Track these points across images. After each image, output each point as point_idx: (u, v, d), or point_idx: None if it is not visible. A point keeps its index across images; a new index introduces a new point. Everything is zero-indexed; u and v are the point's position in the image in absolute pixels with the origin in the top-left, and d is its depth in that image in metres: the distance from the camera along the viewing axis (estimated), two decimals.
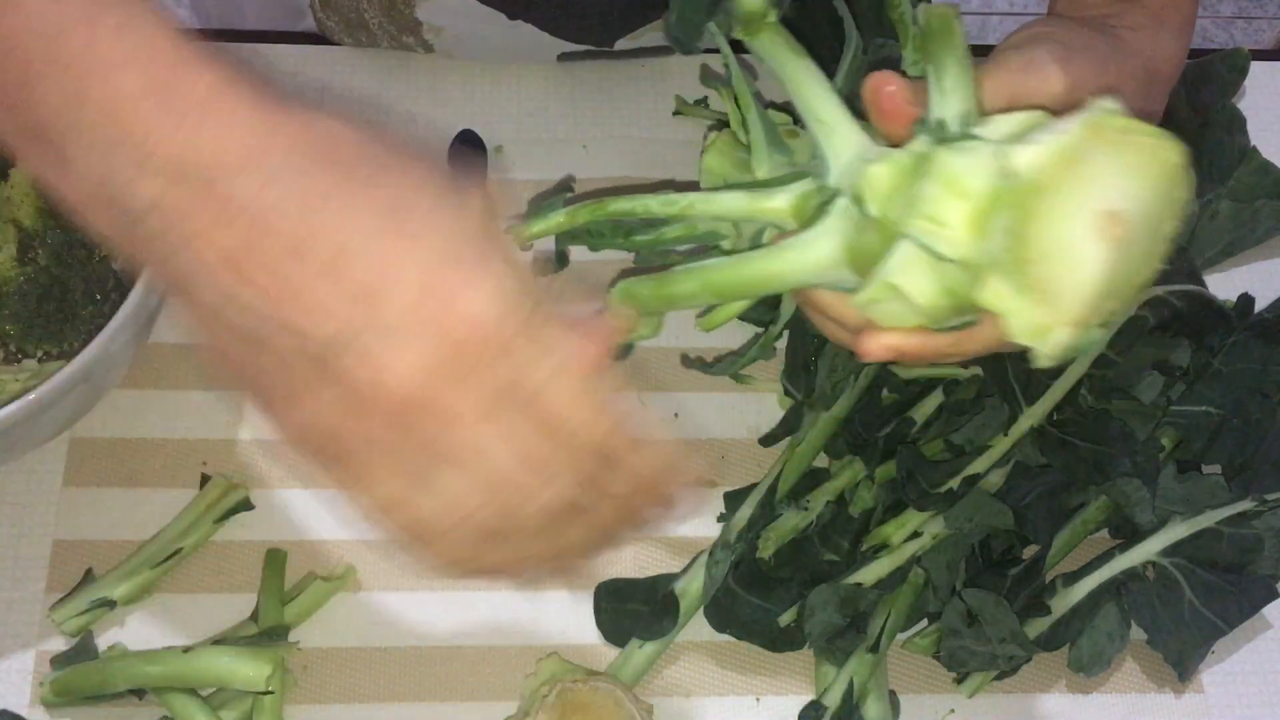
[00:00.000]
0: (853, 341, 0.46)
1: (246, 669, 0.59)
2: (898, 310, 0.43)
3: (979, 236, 0.40)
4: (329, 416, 0.38)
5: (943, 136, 0.43)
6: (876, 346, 0.45)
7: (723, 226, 0.50)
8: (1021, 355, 0.43)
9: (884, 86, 0.46)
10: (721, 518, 0.68)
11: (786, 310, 0.68)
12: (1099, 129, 0.40)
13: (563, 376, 0.38)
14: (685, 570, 0.66)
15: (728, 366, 0.66)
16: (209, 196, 0.36)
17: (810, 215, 0.46)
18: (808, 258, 0.45)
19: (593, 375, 0.39)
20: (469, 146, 0.76)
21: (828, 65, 0.50)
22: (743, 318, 0.72)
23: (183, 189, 0.36)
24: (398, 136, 0.39)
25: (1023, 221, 0.40)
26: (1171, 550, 0.64)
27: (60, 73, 0.36)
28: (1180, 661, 0.64)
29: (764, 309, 0.72)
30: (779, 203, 0.47)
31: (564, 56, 0.78)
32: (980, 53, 0.48)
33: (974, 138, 0.42)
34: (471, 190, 0.38)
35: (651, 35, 0.77)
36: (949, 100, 0.43)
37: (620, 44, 0.76)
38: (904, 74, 0.47)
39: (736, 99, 0.52)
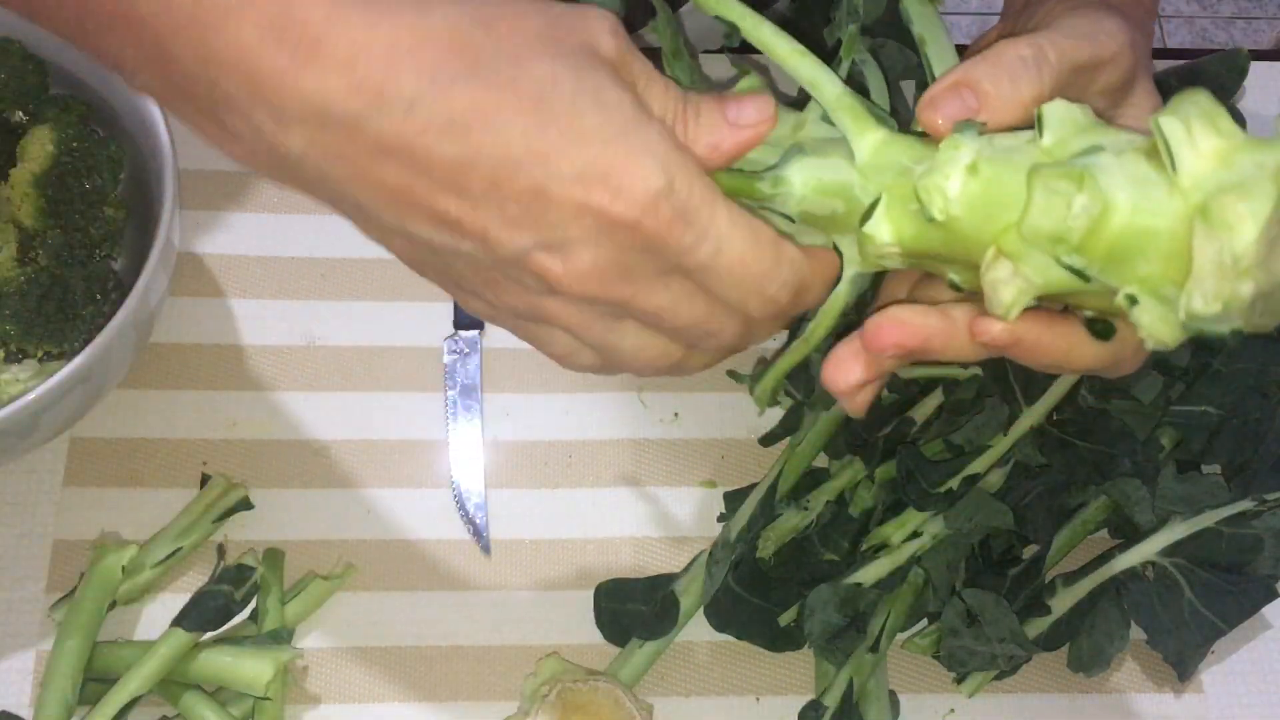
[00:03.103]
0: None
1: (247, 670, 0.60)
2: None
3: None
4: (517, 304, 0.40)
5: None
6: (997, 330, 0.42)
7: None
8: None
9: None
10: (721, 518, 0.68)
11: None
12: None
13: (722, 252, 0.39)
14: (685, 570, 0.66)
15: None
16: (356, 138, 0.36)
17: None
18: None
19: (749, 237, 0.40)
20: None
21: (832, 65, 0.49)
22: None
23: (328, 134, 0.36)
24: None
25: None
26: (1171, 550, 0.64)
27: (186, 31, 0.36)
28: (1180, 661, 0.64)
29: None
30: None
31: None
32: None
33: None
34: (608, 49, 0.39)
35: (651, 33, 0.77)
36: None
37: None
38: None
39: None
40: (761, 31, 0.44)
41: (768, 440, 0.70)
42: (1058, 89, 0.42)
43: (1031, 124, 0.40)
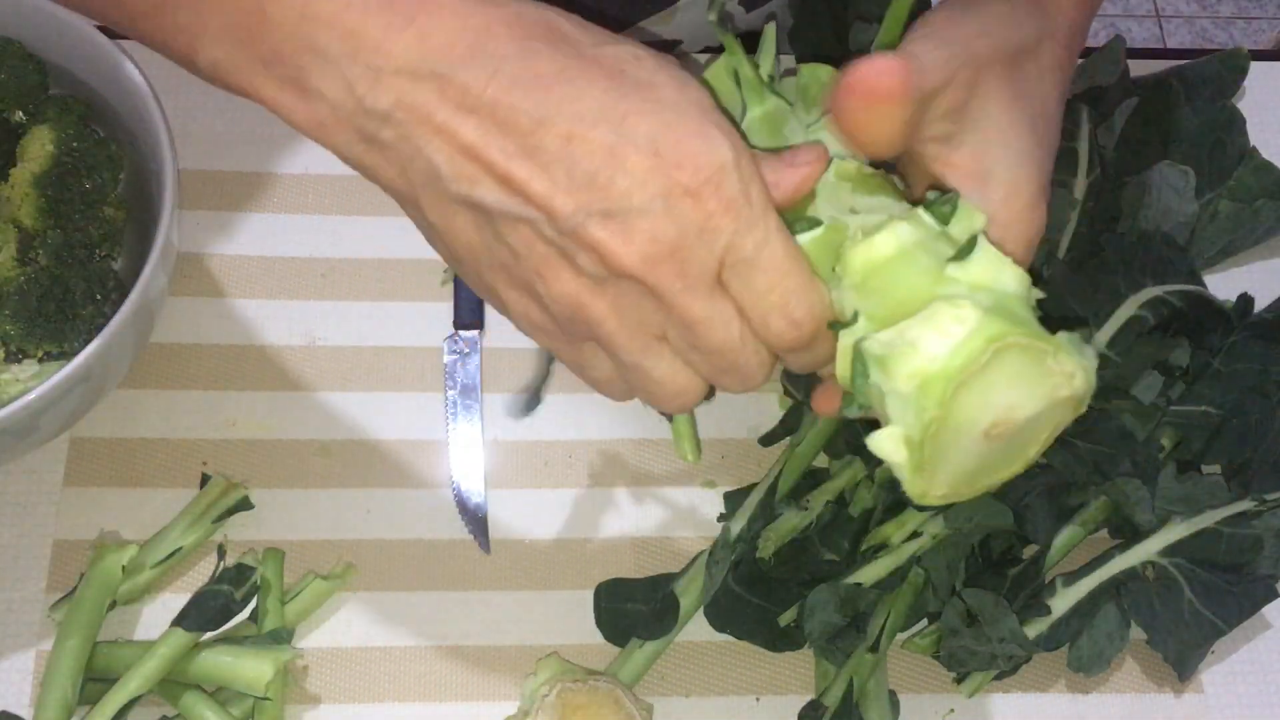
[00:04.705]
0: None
1: (248, 670, 0.60)
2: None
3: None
4: (567, 293, 0.41)
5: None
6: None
7: None
8: None
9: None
10: (721, 518, 0.68)
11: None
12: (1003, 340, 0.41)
13: (768, 246, 0.41)
14: (685, 570, 0.66)
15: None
16: (445, 91, 0.38)
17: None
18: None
19: (792, 249, 0.41)
20: None
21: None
22: None
23: (419, 87, 0.39)
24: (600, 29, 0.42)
25: (933, 417, 0.41)
26: (1171, 550, 0.64)
27: None
28: (1180, 661, 0.64)
29: None
30: None
31: None
32: None
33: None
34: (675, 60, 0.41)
35: (650, 30, 0.77)
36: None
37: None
38: None
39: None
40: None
41: (768, 440, 0.70)
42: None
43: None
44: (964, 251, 0.43)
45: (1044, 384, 0.42)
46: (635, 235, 0.39)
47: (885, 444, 0.42)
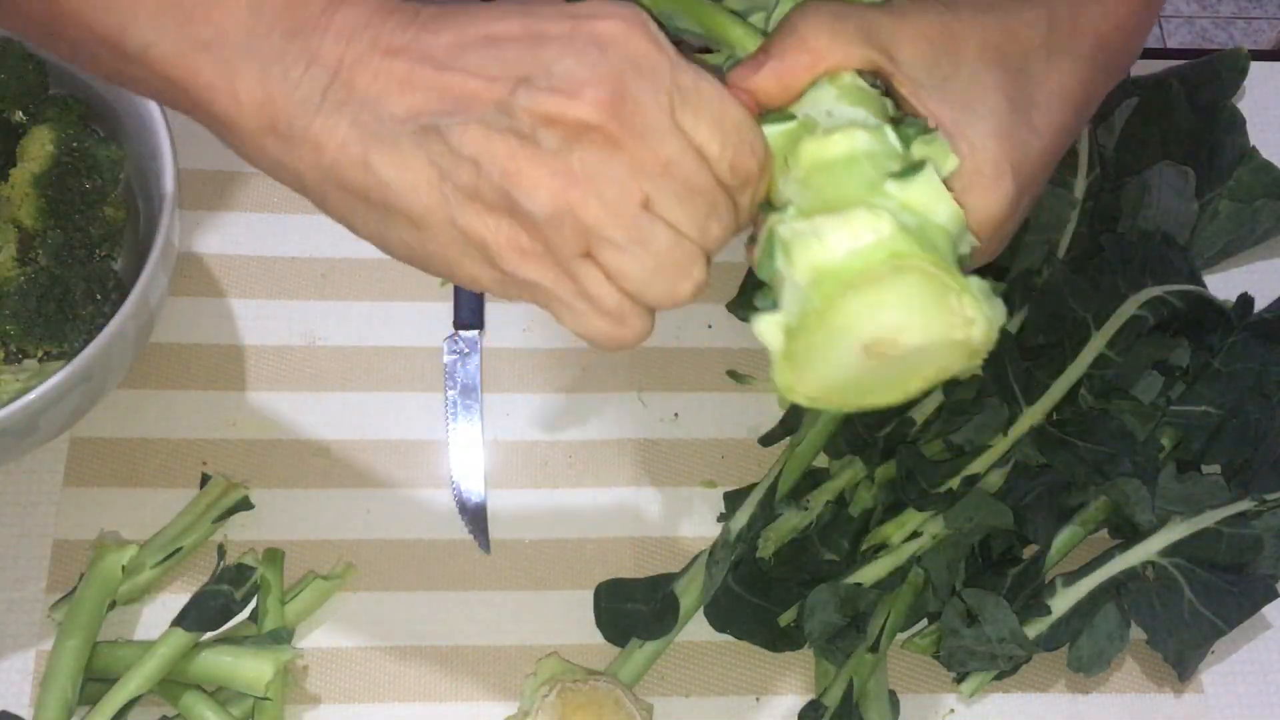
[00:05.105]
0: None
1: (248, 670, 0.60)
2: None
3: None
4: (541, 183, 0.41)
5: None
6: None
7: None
8: (1021, 356, 0.43)
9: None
10: (721, 518, 0.68)
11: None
12: (908, 259, 0.41)
13: (704, 80, 0.42)
14: (685, 570, 0.66)
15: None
16: (378, 45, 0.42)
17: None
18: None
19: (720, 84, 0.43)
20: None
21: None
22: (743, 318, 0.73)
23: (358, 46, 0.42)
24: None
25: (816, 310, 0.41)
26: (1171, 550, 0.64)
27: None
28: (1180, 661, 0.64)
29: None
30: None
31: None
32: None
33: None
34: None
35: None
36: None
37: None
38: None
39: None
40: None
41: (768, 440, 0.70)
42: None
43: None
44: (908, 172, 0.42)
45: (939, 319, 0.42)
46: (582, 89, 0.41)
47: (765, 327, 0.43)
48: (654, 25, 0.43)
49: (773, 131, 0.44)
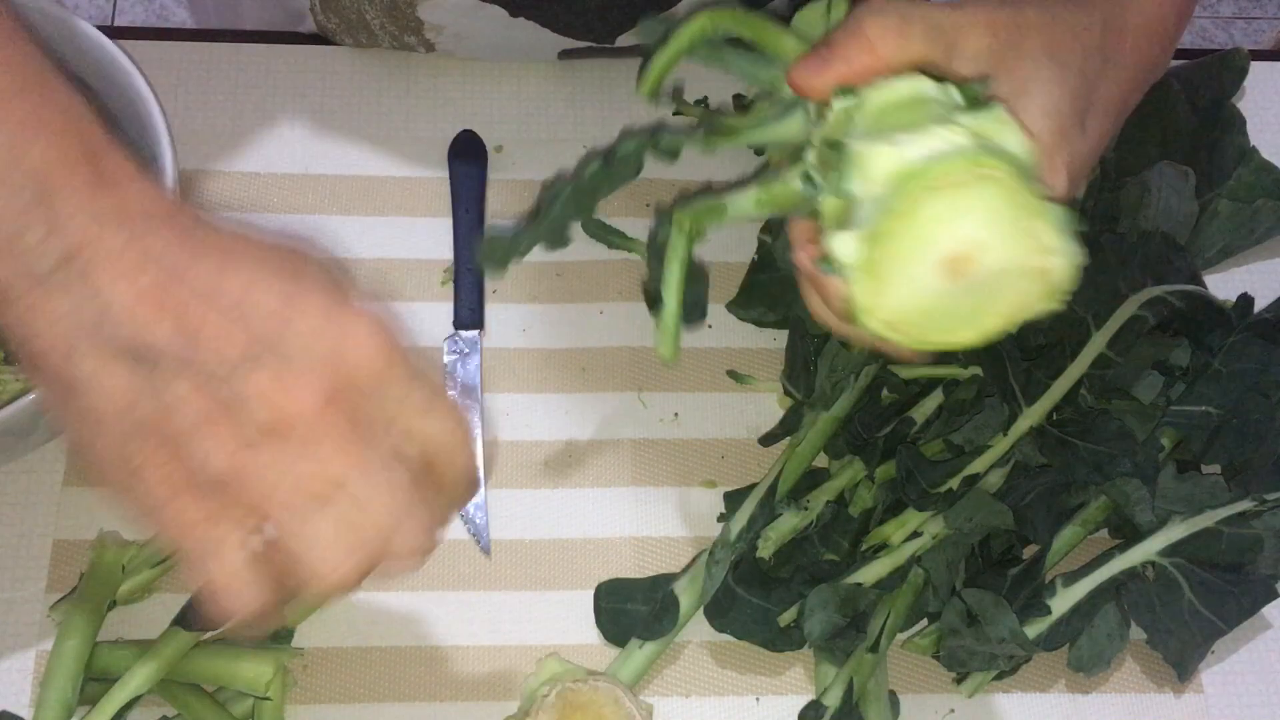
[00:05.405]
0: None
1: (248, 670, 0.60)
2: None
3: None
4: (224, 447, 0.40)
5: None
6: None
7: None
8: (1021, 356, 0.43)
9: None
10: (721, 518, 0.68)
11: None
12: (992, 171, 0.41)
13: (432, 412, 0.43)
14: (685, 570, 0.66)
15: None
16: (134, 244, 0.40)
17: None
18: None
19: (453, 409, 0.44)
20: (469, 146, 0.76)
21: None
22: (742, 318, 0.73)
23: (113, 236, 0.40)
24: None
25: (896, 213, 0.41)
26: (1171, 550, 0.64)
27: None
28: (1180, 661, 0.64)
29: (763, 309, 0.72)
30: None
31: (564, 54, 0.78)
32: None
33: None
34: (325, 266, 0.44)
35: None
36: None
37: (621, 40, 0.76)
38: None
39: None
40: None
41: (768, 440, 0.70)
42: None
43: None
44: (976, 105, 0.42)
45: (1021, 241, 0.41)
46: (308, 378, 0.40)
47: (842, 242, 0.42)
48: (400, 336, 0.42)
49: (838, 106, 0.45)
